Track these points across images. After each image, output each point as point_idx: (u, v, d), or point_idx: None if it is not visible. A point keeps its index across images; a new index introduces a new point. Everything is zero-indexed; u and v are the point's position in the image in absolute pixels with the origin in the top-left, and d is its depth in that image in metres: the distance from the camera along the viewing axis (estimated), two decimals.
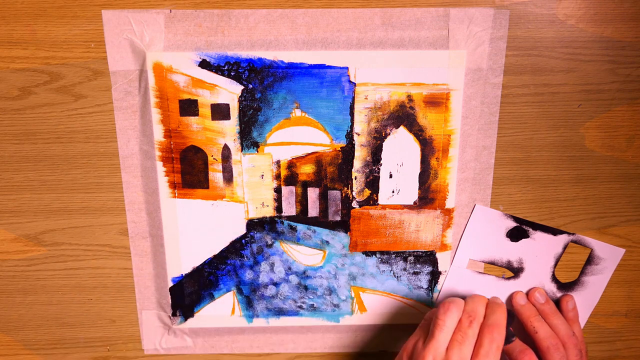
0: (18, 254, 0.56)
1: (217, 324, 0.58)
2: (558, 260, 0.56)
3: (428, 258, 0.56)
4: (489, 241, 0.55)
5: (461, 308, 0.46)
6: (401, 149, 0.52)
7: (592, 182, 0.55)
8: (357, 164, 0.53)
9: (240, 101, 0.51)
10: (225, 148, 0.52)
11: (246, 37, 0.49)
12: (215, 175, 0.53)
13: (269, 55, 0.49)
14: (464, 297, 0.49)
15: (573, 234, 0.55)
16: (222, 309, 0.57)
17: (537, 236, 0.55)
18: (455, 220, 0.55)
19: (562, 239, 0.55)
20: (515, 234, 0.55)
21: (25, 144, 0.52)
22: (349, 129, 0.52)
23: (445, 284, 0.56)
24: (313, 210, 0.54)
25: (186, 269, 0.55)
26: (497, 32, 0.49)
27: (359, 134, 0.52)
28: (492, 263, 0.56)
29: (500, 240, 0.55)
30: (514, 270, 0.56)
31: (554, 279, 0.56)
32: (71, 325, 0.59)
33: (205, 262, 0.55)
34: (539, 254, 0.55)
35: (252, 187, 0.53)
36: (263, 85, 0.50)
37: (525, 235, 0.55)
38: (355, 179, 0.53)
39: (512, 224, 0.55)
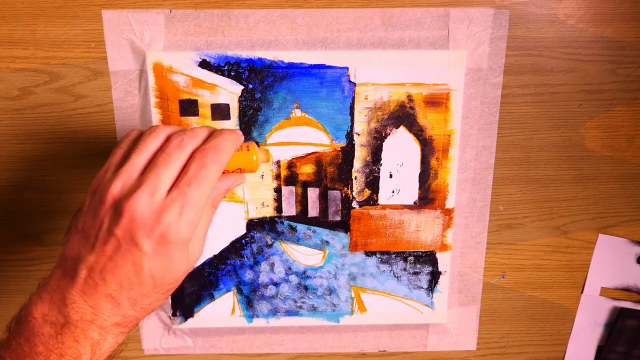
0: (18, 254, 0.56)
1: (217, 324, 0.58)
2: None
3: (428, 258, 0.56)
4: (619, 268, 0.56)
5: (176, 130, 0.36)
6: (401, 149, 0.52)
7: (592, 182, 0.55)
8: (357, 164, 0.53)
9: (240, 101, 0.51)
10: None
11: (246, 37, 0.49)
12: None
13: (269, 55, 0.49)
14: None
15: None
16: (222, 309, 0.57)
17: None
18: (455, 221, 0.55)
19: None
20: None
21: (26, 144, 0.52)
22: (349, 129, 0.52)
23: (579, 312, 0.58)
24: (313, 210, 0.54)
25: None
26: (497, 32, 0.49)
27: (359, 134, 0.52)
28: (625, 289, 0.57)
29: (631, 266, 0.56)
30: None
31: None
32: None
33: (205, 262, 0.55)
34: None
35: (252, 187, 0.53)
36: (263, 85, 0.50)
37: None
38: (355, 179, 0.53)
39: None
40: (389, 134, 0.52)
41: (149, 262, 0.34)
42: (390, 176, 0.53)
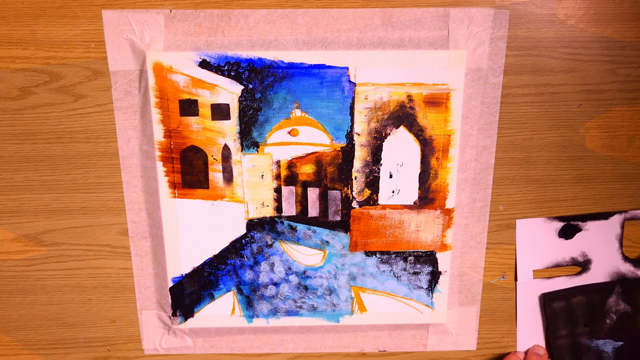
0: (18, 254, 0.56)
1: (217, 324, 0.58)
2: (621, 240, 0.56)
3: (428, 258, 0.56)
4: (544, 247, 0.56)
5: None
6: (401, 149, 0.52)
7: (592, 182, 0.55)
8: (357, 164, 0.53)
9: (240, 101, 0.51)
10: (225, 148, 0.52)
11: (246, 37, 0.49)
12: (215, 175, 0.53)
13: (269, 55, 0.49)
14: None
15: (625, 211, 0.55)
16: (222, 309, 0.57)
17: (590, 226, 0.55)
18: (455, 221, 0.55)
19: (616, 219, 0.55)
20: (568, 232, 0.55)
21: (26, 144, 0.52)
22: (349, 129, 0.52)
23: (519, 300, 0.57)
24: (313, 210, 0.54)
25: (186, 269, 0.55)
26: (497, 32, 0.49)
27: (359, 134, 0.52)
28: (557, 266, 0.57)
29: (555, 242, 0.56)
30: (582, 265, 0.56)
31: (626, 258, 0.56)
32: (71, 325, 0.59)
33: (205, 262, 0.55)
34: (600, 241, 0.56)
35: (252, 187, 0.53)
36: (263, 85, 0.50)
37: (578, 229, 0.55)
38: (355, 179, 0.53)
39: (559, 224, 0.55)
40: (389, 134, 0.52)
41: None
42: (390, 176, 0.53)
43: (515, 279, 0.57)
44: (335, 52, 0.49)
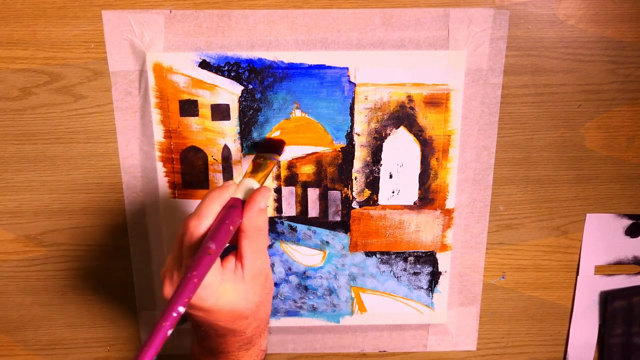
0: (18, 254, 0.56)
1: None
2: None
3: (428, 258, 0.56)
4: (609, 244, 0.56)
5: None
6: (401, 149, 0.52)
7: (592, 182, 0.55)
8: (357, 164, 0.53)
9: (240, 101, 0.51)
10: (226, 148, 0.52)
11: (246, 38, 0.49)
12: (216, 175, 0.53)
13: (269, 55, 0.49)
14: None
15: None
16: None
17: None
18: (455, 221, 0.55)
19: None
20: (635, 230, 0.56)
21: (26, 144, 0.52)
22: (349, 129, 0.52)
23: (577, 296, 0.58)
24: (313, 211, 0.54)
25: None
26: (497, 33, 0.49)
27: (359, 134, 0.52)
28: (618, 263, 0.57)
29: (620, 239, 0.56)
30: None
31: None
32: (71, 325, 0.59)
33: None
34: None
35: None
36: (263, 86, 0.50)
37: None
38: (355, 179, 0.53)
39: (628, 222, 0.55)
40: (389, 134, 0.52)
41: None
42: (390, 176, 0.53)
43: (577, 274, 0.58)
44: (335, 53, 0.49)
